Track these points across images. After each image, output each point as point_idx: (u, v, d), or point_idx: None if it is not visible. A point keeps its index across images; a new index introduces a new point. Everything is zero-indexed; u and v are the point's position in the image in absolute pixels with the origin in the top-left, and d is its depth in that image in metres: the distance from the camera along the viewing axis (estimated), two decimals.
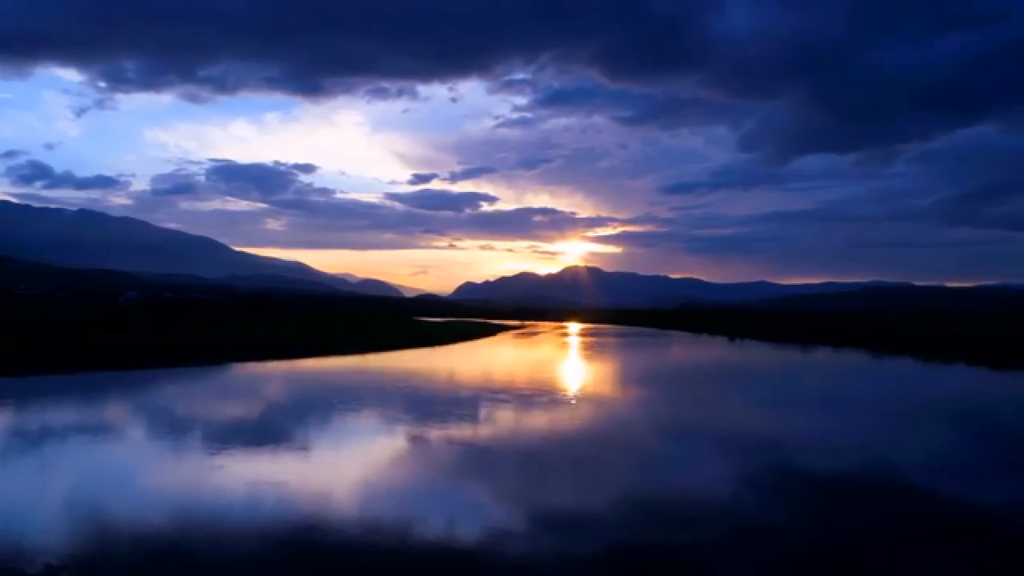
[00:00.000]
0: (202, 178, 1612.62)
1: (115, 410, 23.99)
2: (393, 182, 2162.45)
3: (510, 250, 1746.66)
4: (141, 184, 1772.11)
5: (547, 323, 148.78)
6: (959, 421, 25.15)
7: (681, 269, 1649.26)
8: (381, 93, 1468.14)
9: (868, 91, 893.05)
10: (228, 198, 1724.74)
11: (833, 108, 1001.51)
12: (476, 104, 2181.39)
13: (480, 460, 17.07)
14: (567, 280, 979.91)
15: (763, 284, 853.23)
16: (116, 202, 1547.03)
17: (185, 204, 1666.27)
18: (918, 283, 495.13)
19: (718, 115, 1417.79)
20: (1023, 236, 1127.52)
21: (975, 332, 68.86)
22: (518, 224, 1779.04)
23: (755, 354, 59.52)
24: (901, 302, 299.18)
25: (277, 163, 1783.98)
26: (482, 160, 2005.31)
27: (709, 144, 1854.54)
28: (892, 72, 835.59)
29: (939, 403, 29.56)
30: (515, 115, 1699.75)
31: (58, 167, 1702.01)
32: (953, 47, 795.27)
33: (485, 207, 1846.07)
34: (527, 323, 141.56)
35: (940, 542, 11.47)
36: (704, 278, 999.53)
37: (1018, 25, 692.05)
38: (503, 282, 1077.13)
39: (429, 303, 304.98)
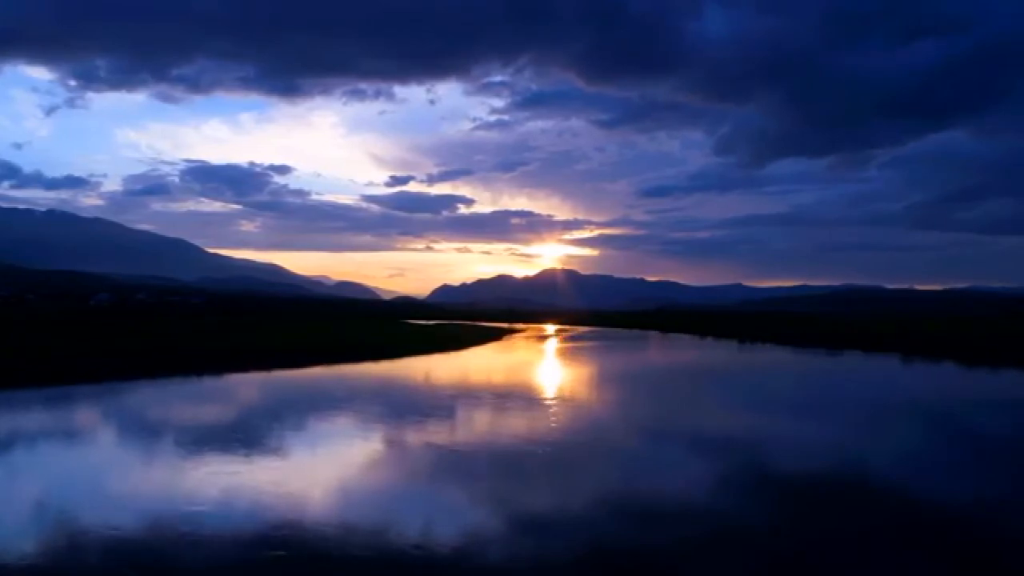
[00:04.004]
0: (175, 179, 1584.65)
1: (89, 444, 20.93)
2: (370, 184, 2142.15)
3: (487, 252, 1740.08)
4: (113, 185, 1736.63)
5: (542, 326, 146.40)
6: None
7: (657, 272, 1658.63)
8: (358, 94, 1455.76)
9: (841, 96, 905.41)
10: (202, 199, 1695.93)
11: (807, 113, 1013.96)
12: (453, 106, 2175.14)
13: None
14: (544, 282, 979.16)
15: (738, 287, 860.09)
16: (87, 203, 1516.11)
17: (158, 205, 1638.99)
18: (889, 286, 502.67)
19: (694, 119, 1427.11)
20: (993, 240, 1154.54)
21: (1000, 335, 68.36)
22: (495, 226, 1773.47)
23: (794, 360, 56.80)
24: (873, 305, 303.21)
25: (252, 164, 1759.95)
26: (459, 162, 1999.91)
27: (685, 148, 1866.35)
28: (865, 77, 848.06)
29: None
30: (492, 117, 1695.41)
31: (27, 167, 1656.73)
32: (924, 53, 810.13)
33: (462, 209, 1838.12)
34: (523, 326, 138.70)
35: None
36: (680, 280, 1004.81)
37: (987, 31, 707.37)
38: (480, 284, 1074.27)
39: (410, 306, 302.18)
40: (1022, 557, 12.12)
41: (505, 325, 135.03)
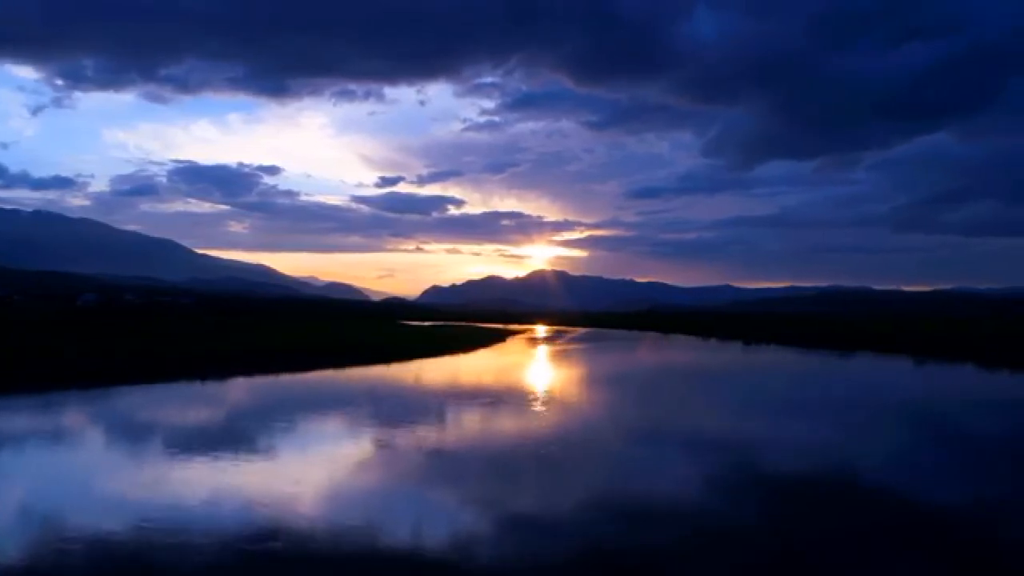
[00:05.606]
0: (163, 179, 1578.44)
1: (108, 464, 18.46)
2: (359, 185, 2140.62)
3: (477, 253, 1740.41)
4: (100, 185, 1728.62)
5: (538, 327, 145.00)
6: None
7: (647, 273, 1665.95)
8: (348, 95, 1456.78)
9: (829, 99, 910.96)
10: (190, 200, 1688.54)
11: (795, 115, 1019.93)
12: (443, 107, 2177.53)
13: None
14: (534, 283, 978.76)
15: (727, 288, 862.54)
16: (74, 203, 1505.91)
17: (146, 206, 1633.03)
18: (877, 287, 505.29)
19: (683, 121, 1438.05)
20: (978, 242, 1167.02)
21: (1004, 336, 67.99)
22: (485, 227, 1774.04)
23: (813, 363, 55.66)
24: (861, 306, 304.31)
25: (241, 164, 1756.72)
26: (449, 163, 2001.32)
27: (674, 149, 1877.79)
28: (853, 80, 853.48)
29: None
30: (483, 119, 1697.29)
31: (13, 167, 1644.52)
32: (912, 56, 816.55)
33: (452, 210, 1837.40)
34: (519, 327, 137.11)
35: None
36: (669, 281, 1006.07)
37: (975, 35, 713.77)
38: (470, 285, 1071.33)
39: (402, 307, 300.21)
40: None
41: (501, 326, 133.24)
